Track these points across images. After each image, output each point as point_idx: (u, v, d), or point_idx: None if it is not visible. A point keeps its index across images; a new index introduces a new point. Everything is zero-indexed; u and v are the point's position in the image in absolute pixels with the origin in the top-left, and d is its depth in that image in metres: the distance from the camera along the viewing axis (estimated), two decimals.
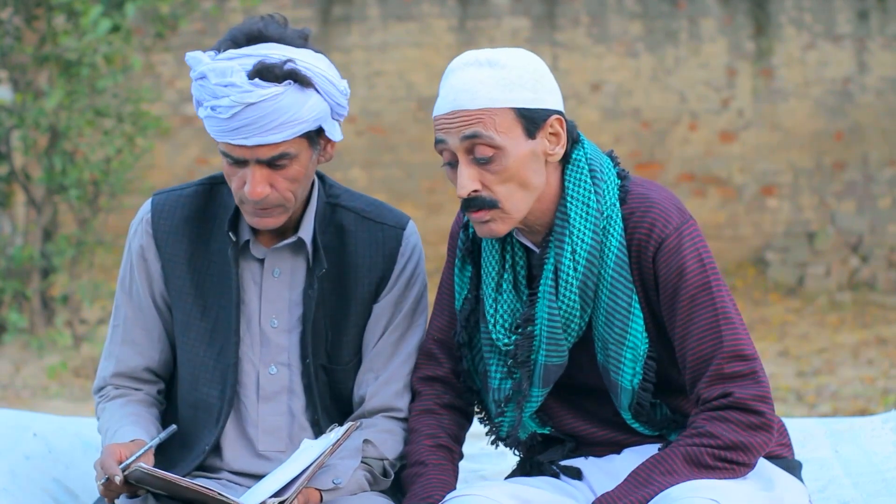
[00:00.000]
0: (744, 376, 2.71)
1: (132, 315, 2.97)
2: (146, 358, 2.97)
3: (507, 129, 2.70)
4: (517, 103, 2.71)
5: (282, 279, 2.91)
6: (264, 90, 2.71)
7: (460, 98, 2.71)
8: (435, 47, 12.36)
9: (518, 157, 2.71)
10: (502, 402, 2.84)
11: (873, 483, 3.27)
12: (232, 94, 2.71)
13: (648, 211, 2.75)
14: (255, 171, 2.77)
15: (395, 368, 2.94)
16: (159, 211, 2.95)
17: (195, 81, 2.77)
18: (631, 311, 2.74)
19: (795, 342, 9.60)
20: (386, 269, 2.94)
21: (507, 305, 2.82)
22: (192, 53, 2.79)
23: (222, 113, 2.72)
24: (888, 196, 12.25)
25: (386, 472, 2.90)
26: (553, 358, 2.78)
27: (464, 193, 2.71)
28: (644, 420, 2.81)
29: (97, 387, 3.02)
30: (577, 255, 2.74)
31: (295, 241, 2.90)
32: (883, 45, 12.20)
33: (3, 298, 9.10)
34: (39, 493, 3.13)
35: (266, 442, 2.92)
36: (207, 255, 2.92)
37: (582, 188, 2.77)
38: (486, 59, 2.73)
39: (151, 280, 2.95)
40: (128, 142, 9.13)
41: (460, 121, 2.70)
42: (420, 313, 2.98)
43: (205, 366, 2.91)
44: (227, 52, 2.77)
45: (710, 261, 2.76)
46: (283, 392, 2.92)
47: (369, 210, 2.96)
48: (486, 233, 2.75)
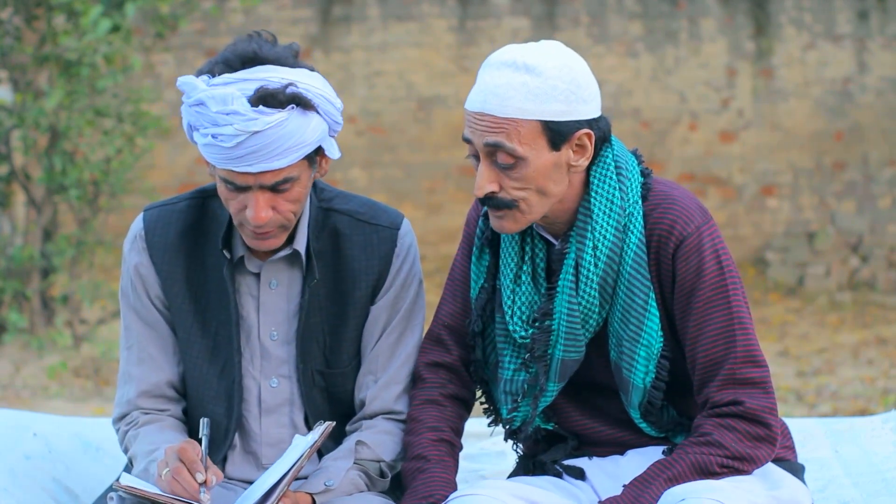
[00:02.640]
0: (755, 384, 2.71)
1: (144, 332, 2.92)
2: (166, 373, 2.92)
3: (532, 140, 2.69)
4: (546, 116, 2.69)
5: (279, 291, 2.90)
6: (269, 117, 2.67)
7: (490, 102, 2.68)
8: (435, 47, 12.35)
9: (539, 167, 2.70)
10: (518, 395, 2.83)
11: (873, 483, 3.27)
12: (235, 122, 2.66)
13: (670, 208, 2.75)
14: (258, 197, 2.73)
15: (394, 371, 2.93)
16: (152, 227, 2.91)
17: (190, 107, 2.71)
18: (647, 309, 2.74)
19: (795, 342, 9.60)
20: (382, 271, 2.92)
21: (526, 298, 2.81)
22: (184, 79, 2.71)
23: (225, 142, 2.67)
24: (888, 196, 12.24)
25: (383, 473, 2.88)
26: (570, 353, 2.78)
27: (479, 194, 2.71)
28: (652, 420, 2.81)
29: (120, 414, 2.93)
30: (599, 250, 2.74)
31: (290, 252, 2.88)
32: (883, 45, 12.20)
33: (3, 298, 9.10)
34: (39, 493, 3.13)
35: (270, 455, 2.90)
36: (203, 271, 2.89)
37: (607, 185, 2.76)
38: (524, 64, 2.68)
39: (152, 296, 2.92)
40: (128, 142, 9.12)
41: (486, 125, 2.69)
42: (417, 313, 2.97)
43: (208, 383, 2.90)
44: (222, 76, 2.71)
45: (728, 263, 2.76)
46: (284, 404, 2.91)
47: (363, 212, 2.94)
48: (499, 228, 2.75)
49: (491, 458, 3.62)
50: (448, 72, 12.33)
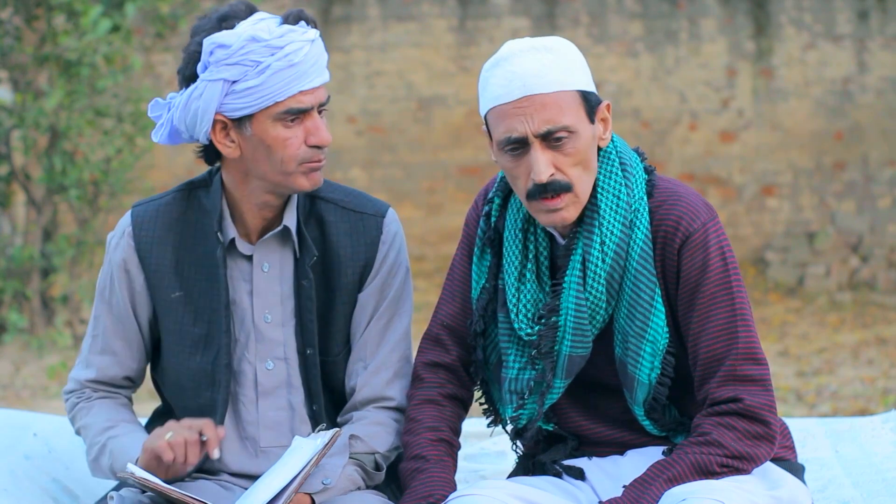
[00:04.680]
0: (755, 381, 2.72)
1: (112, 326, 2.97)
2: (125, 368, 2.99)
3: (576, 112, 2.72)
4: (580, 86, 2.74)
5: (271, 273, 2.92)
6: (312, 30, 2.82)
7: (531, 83, 2.70)
8: (435, 47, 12.36)
9: (586, 139, 2.73)
10: (523, 393, 2.83)
11: (873, 483, 3.27)
12: (293, 37, 2.77)
13: (676, 204, 2.76)
14: (317, 118, 2.82)
15: (383, 356, 2.94)
16: (140, 222, 2.94)
17: (235, 53, 2.76)
18: (653, 305, 2.74)
19: (795, 342, 9.60)
20: (368, 258, 2.94)
21: (531, 295, 2.81)
22: (211, 38, 2.77)
23: (294, 56, 2.76)
24: (888, 196, 12.24)
25: (378, 465, 2.89)
26: (578, 349, 2.78)
27: (543, 178, 2.70)
28: (655, 417, 2.81)
29: (71, 388, 3.03)
30: (606, 246, 2.75)
31: (281, 229, 2.90)
32: (883, 45, 12.20)
33: (3, 298, 9.10)
34: (39, 493, 3.13)
35: (268, 438, 2.92)
36: (193, 260, 2.92)
37: (613, 180, 2.78)
38: (543, 46, 2.74)
39: (133, 292, 2.95)
40: (128, 142, 9.13)
41: (535, 107, 2.70)
42: (405, 299, 2.98)
43: (203, 371, 2.91)
44: (240, 23, 2.79)
45: (732, 261, 2.76)
46: (281, 386, 2.93)
47: (348, 200, 2.97)
48: (558, 220, 2.74)
49: (491, 458, 3.62)
50: (448, 72, 12.33)
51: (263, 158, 2.82)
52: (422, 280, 10.50)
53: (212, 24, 2.80)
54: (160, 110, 2.88)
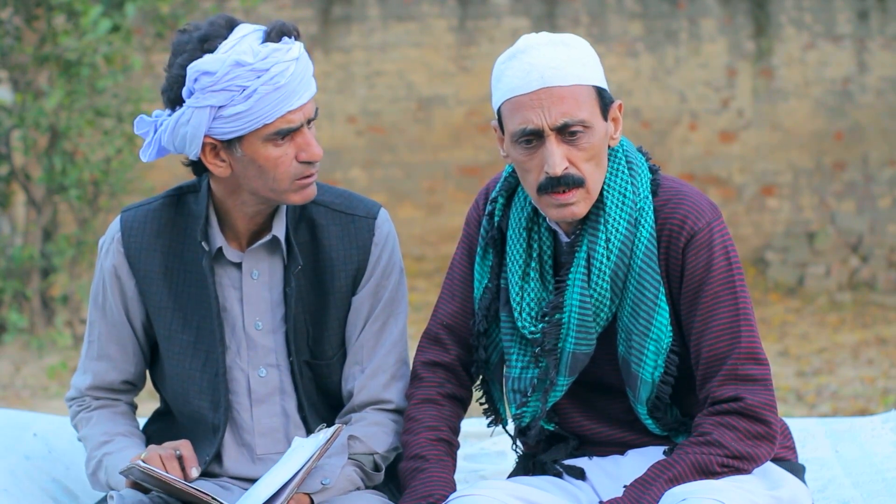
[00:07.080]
0: (756, 381, 2.72)
1: (106, 331, 2.97)
2: (122, 372, 2.99)
3: (591, 107, 2.72)
4: (596, 82, 2.74)
5: (261, 280, 2.91)
6: (294, 45, 2.77)
7: (548, 75, 2.70)
8: (435, 47, 12.35)
9: (600, 135, 2.74)
10: (527, 390, 2.83)
11: (873, 483, 3.27)
12: (278, 58, 2.73)
13: (681, 203, 2.77)
14: (307, 133, 2.79)
15: (380, 359, 2.93)
16: (129, 228, 2.94)
17: (220, 80, 2.72)
18: (657, 303, 2.74)
19: (795, 342, 9.60)
20: (361, 261, 2.93)
21: (534, 294, 2.82)
22: (195, 65, 2.73)
23: (280, 78, 2.72)
24: (888, 196, 12.24)
25: (377, 465, 2.89)
26: (581, 346, 2.78)
27: (558, 171, 2.70)
28: (658, 416, 2.81)
29: (72, 396, 3.03)
30: (612, 243, 2.75)
31: (270, 239, 2.89)
32: (883, 45, 12.20)
33: (3, 298, 9.10)
34: (39, 493, 3.13)
35: (264, 445, 2.92)
36: (182, 267, 2.91)
37: (619, 178, 2.78)
38: (560, 40, 2.74)
39: (125, 297, 2.95)
40: (128, 142, 9.13)
41: (553, 99, 2.70)
42: (399, 301, 2.97)
43: (191, 378, 2.91)
44: (223, 43, 2.74)
45: (736, 260, 2.77)
46: (274, 393, 2.92)
47: (339, 202, 2.95)
48: (568, 215, 2.74)
49: (491, 458, 3.62)
50: (448, 72, 12.33)
51: (255, 176, 2.80)
52: (422, 280, 10.50)
53: (193, 44, 2.76)
54: (147, 128, 2.85)
